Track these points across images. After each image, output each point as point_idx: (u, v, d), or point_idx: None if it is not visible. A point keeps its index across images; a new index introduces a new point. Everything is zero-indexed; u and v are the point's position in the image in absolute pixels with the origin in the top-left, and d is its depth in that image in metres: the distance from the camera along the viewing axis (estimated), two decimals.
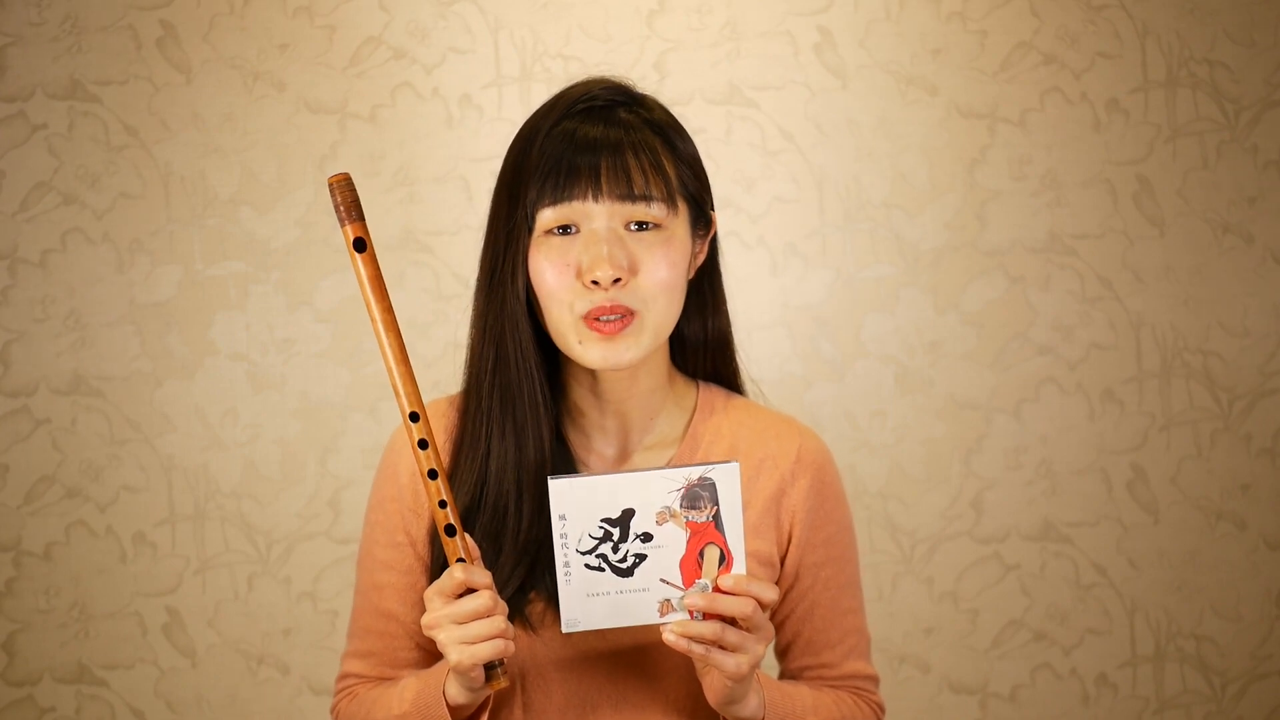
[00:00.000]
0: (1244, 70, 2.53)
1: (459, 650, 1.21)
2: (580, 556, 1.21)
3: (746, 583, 1.21)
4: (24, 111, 2.40)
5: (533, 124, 1.33)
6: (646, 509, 1.21)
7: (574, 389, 1.38)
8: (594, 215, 1.27)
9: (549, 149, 1.29)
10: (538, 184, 1.28)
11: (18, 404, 2.40)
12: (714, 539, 1.21)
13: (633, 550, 1.21)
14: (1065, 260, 2.51)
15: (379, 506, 1.40)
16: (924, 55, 2.49)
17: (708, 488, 1.20)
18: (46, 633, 2.42)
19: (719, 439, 1.40)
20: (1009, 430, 2.51)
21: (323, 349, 2.44)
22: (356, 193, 1.25)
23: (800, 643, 1.42)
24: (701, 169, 1.36)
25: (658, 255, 1.29)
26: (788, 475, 1.39)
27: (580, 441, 1.39)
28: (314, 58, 2.43)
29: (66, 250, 2.41)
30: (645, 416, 1.39)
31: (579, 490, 1.20)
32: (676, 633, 1.20)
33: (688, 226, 1.33)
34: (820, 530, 1.40)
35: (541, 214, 1.28)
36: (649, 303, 1.29)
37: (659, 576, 1.22)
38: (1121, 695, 2.55)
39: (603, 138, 1.29)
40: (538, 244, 1.29)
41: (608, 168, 1.27)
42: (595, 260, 1.26)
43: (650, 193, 1.28)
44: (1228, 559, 2.56)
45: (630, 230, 1.28)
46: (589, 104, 1.32)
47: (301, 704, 2.45)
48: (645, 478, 1.20)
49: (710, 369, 1.45)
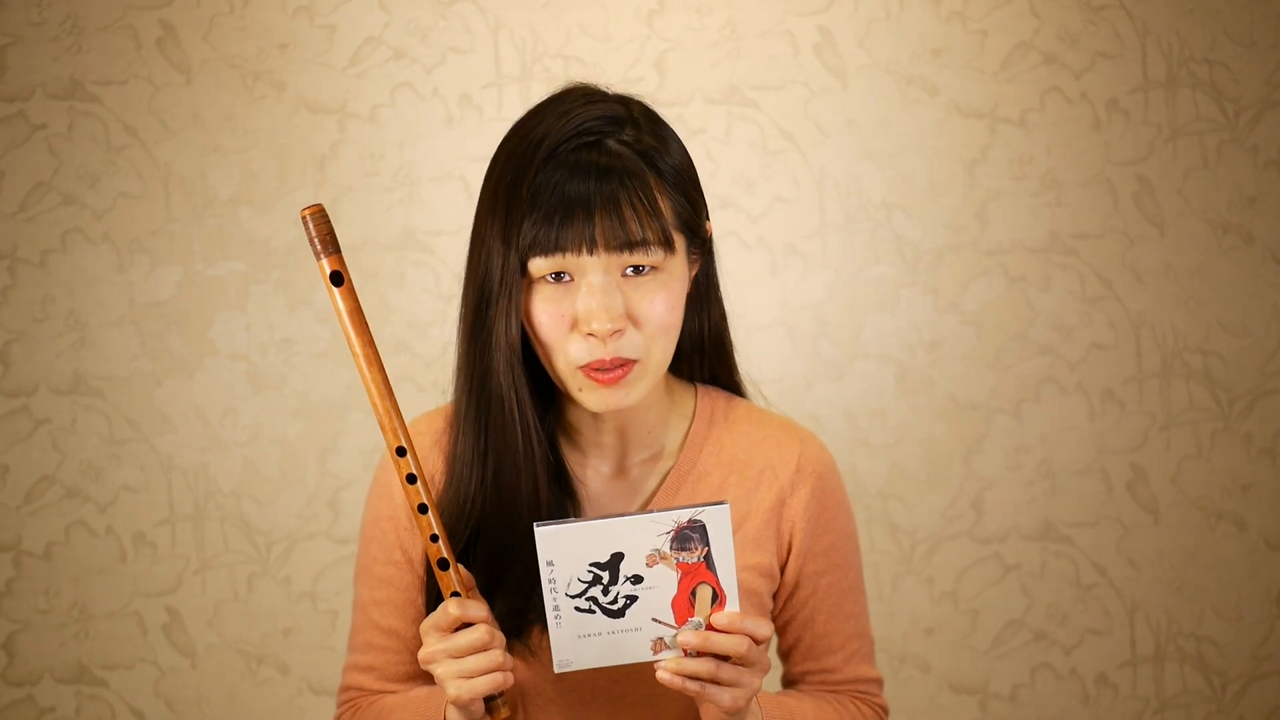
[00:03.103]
0: (1244, 70, 2.53)
1: (457, 685, 1.20)
2: (570, 600, 1.19)
3: (740, 620, 1.19)
4: (24, 111, 2.40)
5: (521, 153, 1.26)
6: (636, 552, 1.18)
7: (568, 408, 1.36)
8: (589, 268, 1.23)
9: (540, 190, 1.23)
10: (530, 229, 1.23)
11: (18, 404, 2.40)
12: (705, 579, 1.19)
13: (623, 592, 1.19)
14: (1065, 260, 2.51)
15: (374, 524, 1.39)
16: (924, 55, 2.49)
17: (697, 529, 1.18)
18: (46, 633, 2.42)
19: (719, 451, 1.38)
20: (1009, 430, 2.51)
21: (323, 349, 2.44)
22: (331, 225, 1.21)
23: (802, 648, 1.42)
24: (693, 185, 1.31)
25: (656, 300, 1.25)
26: (787, 485, 1.38)
27: (576, 459, 1.37)
28: (314, 58, 2.43)
29: (66, 250, 2.41)
30: (643, 430, 1.37)
31: (565, 536, 1.18)
32: (671, 670, 1.19)
33: (684, 259, 1.29)
34: (821, 539, 1.39)
35: (534, 262, 1.24)
36: (649, 348, 1.26)
37: (651, 616, 1.20)
38: (1121, 695, 2.55)
39: (595, 180, 1.23)
40: (530, 289, 1.26)
41: (602, 218, 1.22)
42: (591, 313, 1.23)
43: (646, 237, 1.23)
44: (1228, 559, 2.56)
45: (626, 275, 1.25)
46: (579, 141, 1.25)
47: (301, 704, 2.45)
48: (633, 522, 1.18)
49: (707, 371, 1.43)
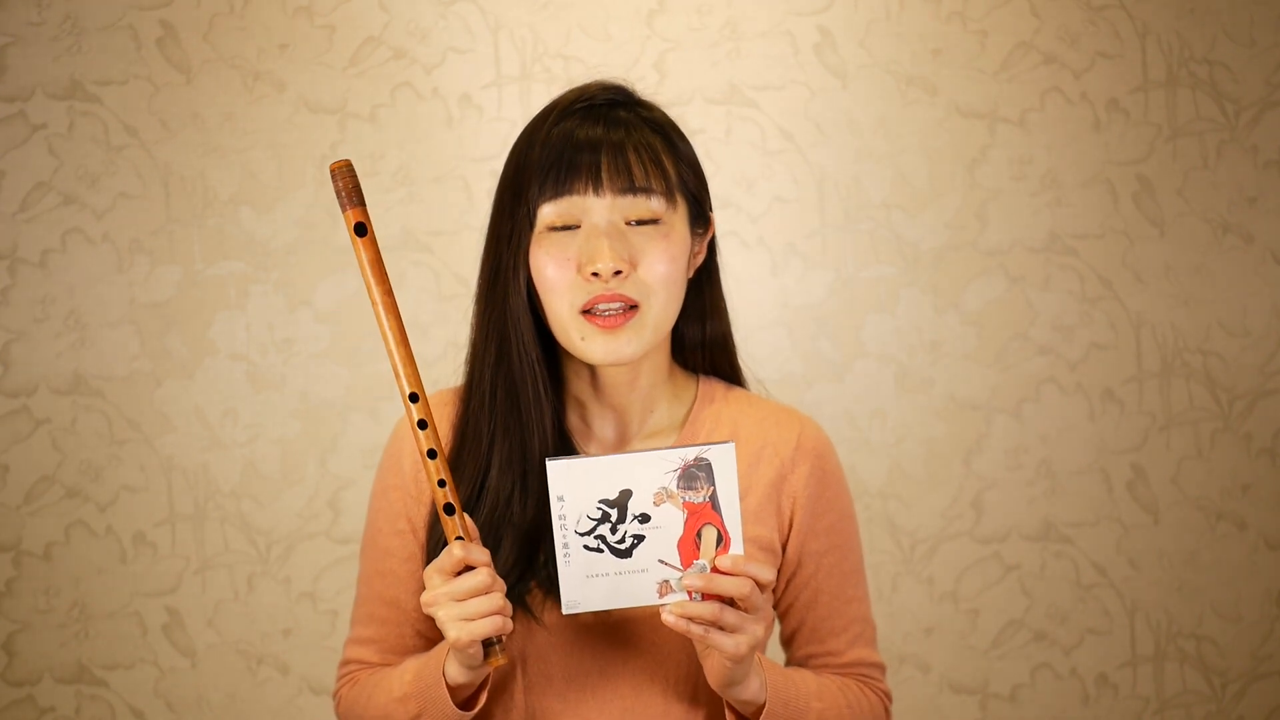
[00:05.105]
0: (1244, 70, 2.53)
1: (457, 627, 1.22)
2: (579, 538, 1.23)
3: (744, 563, 1.22)
4: (24, 111, 2.40)
5: (533, 126, 1.35)
6: (644, 490, 1.22)
7: (574, 382, 1.40)
8: (594, 210, 1.29)
9: (549, 146, 1.31)
10: (539, 180, 1.30)
11: (18, 404, 2.40)
12: (711, 519, 1.22)
13: (631, 531, 1.23)
14: (1065, 260, 2.51)
15: (382, 494, 1.42)
16: (924, 55, 2.49)
17: (704, 468, 1.22)
18: (46, 633, 2.42)
19: (719, 427, 1.41)
20: (1009, 430, 2.51)
21: (323, 349, 2.44)
22: (358, 178, 1.27)
23: (805, 631, 1.43)
24: (700, 171, 1.38)
25: (658, 249, 1.30)
26: (788, 461, 1.40)
27: (581, 431, 1.40)
28: (314, 58, 2.43)
29: (66, 250, 2.41)
30: (645, 409, 1.40)
31: (577, 471, 1.22)
32: (675, 613, 1.21)
33: (687, 223, 1.35)
34: (822, 517, 1.41)
35: (542, 210, 1.30)
36: (649, 296, 1.30)
37: (657, 557, 1.23)
38: (1121, 695, 2.55)
39: (603, 134, 1.31)
40: (539, 240, 1.31)
41: (608, 162, 1.29)
42: (596, 252, 1.28)
43: (650, 185, 1.30)
44: (1228, 559, 2.56)
45: (630, 226, 1.30)
46: (588, 104, 1.34)
47: (301, 704, 2.45)
48: (642, 458, 1.22)
49: (711, 367, 1.46)
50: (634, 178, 1.30)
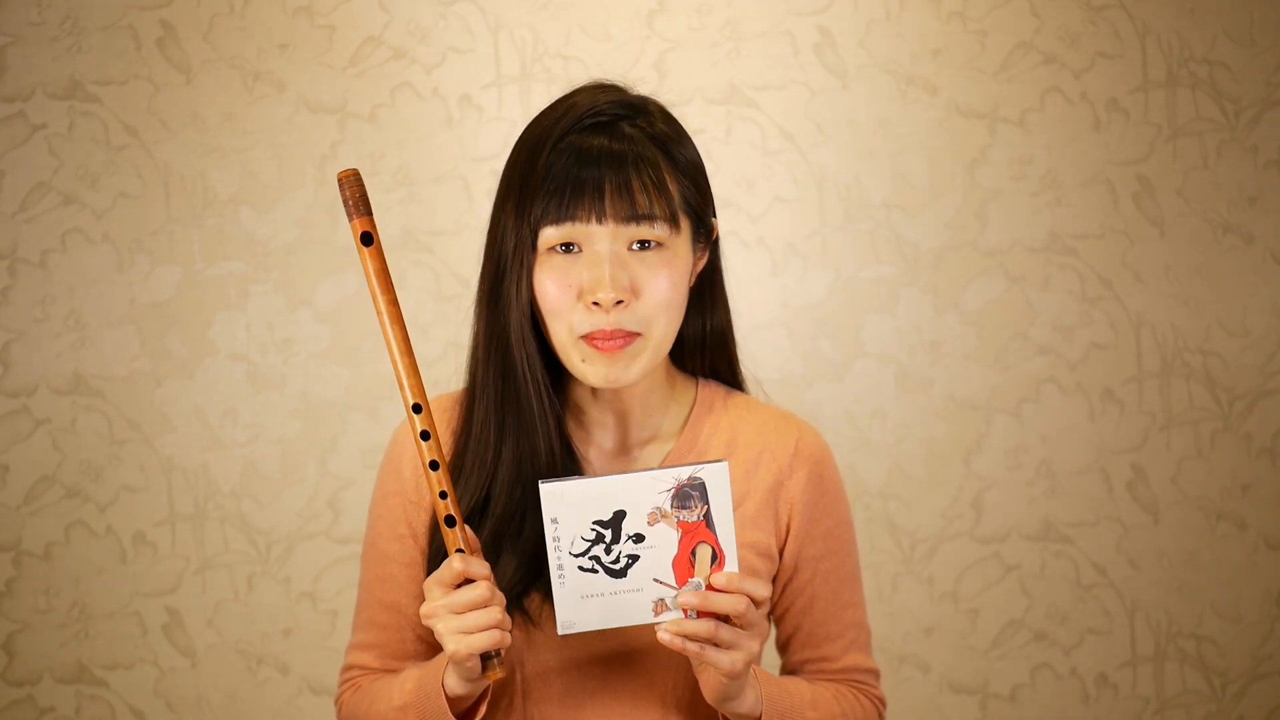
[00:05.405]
0: (1244, 70, 2.53)
1: (456, 640, 1.22)
2: (573, 559, 1.22)
3: (739, 580, 1.22)
4: (24, 111, 2.40)
5: (537, 135, 1.33)
6: (637, 510, 1.22)
7: (574, 389, 1.40)
8: (597, 237, 1.28)
9: (554, 165, 1.29)
10: (542, 201, 1.29)
11: (18, 404, 2.40)
12: (705, 538, 1.22)
13: (625, 551, 1.22)
14: (1065, 260, 2.51)
15: (382, 500, 1.42)
16: (924, 55, 2.49)
17: (697, 487, 1.21)
18: (46, 633, 2.42)
19: (717, 433, 1.41)
20: (1009, 430, 2.51)
21: (322, 349, 2.44)
22: (365, 188, 1.26)
23: (800, 636, 1.44)
24: (703, 178, 1.37)
25: (660, 275, 1.30)
26: (785, 468, 1.40)
27: (581, 437, 1.40)
28: (314, 58, 2.43)
29: (66, 250, 2.41)
30: (644, 414, 1.40)
31: (570, 493, 1.21)
32: (671, 631, 1.21)
33: (689, 242, 1.34)
34: (819, 523, 1.41)
35: (545, 231, 1.29)
36: (650, 323, 1.30)
37: (652, 576, 1.23)
38: (1121, 695, 2.55)
39: (607, 157, 1.29)
40: (541, 261, 1.30)
41: (611, 189, 1.28)
42: (597, 282, 1.28)
43: (653, 212, 1.29)
44: (1228, 559, 2.56)
45: (632, 250, 1.29)
46: (594, 119, 1.32)
47: (301, 704, 2.45)
48: (635, 479, 1.22)
49: (710, 368, 1.46)
50: (637, 205, 1.28)
